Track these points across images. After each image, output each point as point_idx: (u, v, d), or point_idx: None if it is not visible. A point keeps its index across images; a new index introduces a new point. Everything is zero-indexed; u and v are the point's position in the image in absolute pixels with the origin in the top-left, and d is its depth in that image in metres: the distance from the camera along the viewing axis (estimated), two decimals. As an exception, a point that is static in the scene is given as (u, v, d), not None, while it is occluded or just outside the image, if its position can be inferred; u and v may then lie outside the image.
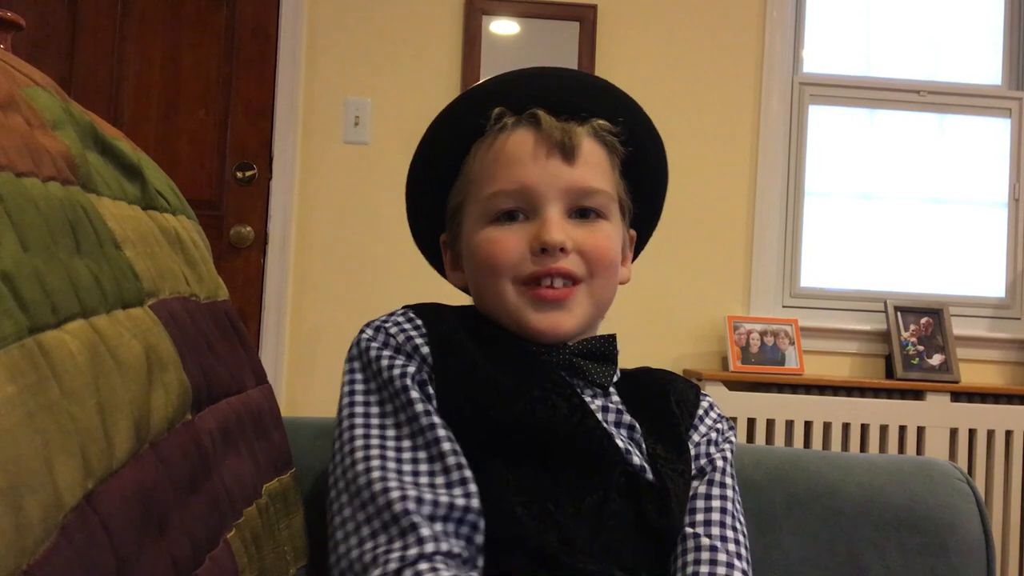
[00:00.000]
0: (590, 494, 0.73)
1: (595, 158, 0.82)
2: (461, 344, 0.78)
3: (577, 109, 0.82)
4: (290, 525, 0.80)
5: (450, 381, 0.75)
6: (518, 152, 0.80)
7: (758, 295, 2.75)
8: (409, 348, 0.76)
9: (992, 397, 2.65)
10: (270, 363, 2.58)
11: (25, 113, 0.55)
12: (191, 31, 2.69)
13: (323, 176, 2.69)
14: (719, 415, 0.89)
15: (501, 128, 0.82)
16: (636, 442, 0.79)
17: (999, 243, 2.89)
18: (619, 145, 0.85)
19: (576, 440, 0.74)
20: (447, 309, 0.84)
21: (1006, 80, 2.93)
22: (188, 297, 0.72)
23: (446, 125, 0.86)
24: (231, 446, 0.70)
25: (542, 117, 0.80)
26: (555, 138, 0.80)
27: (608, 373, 0.82)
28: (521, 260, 0.79)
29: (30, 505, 0.39)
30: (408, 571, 0.65)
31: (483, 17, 2.71)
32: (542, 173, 0.79)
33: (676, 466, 0.80)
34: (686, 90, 2.76)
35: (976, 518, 0.96)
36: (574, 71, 0.90)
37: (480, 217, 0.82)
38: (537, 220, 0.79)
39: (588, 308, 0.81)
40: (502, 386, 0.75)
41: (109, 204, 0.63)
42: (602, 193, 0.82)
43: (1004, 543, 2.58)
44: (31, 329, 0.44)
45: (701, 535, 0.77)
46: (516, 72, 0.86)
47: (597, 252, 0.80)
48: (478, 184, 0.82)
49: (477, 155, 0.84)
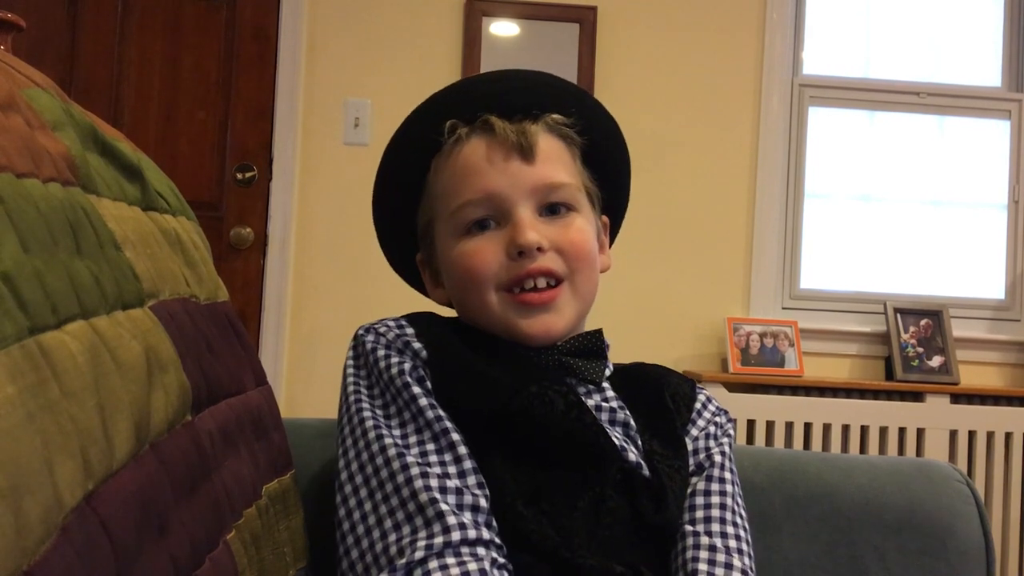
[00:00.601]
0: (587, 491, 0.73)
1: (554, 152, 0.82)
2: (454, 344, 0.78)
3: (528, 108, 0.82)
4: (290, 526, 0.80)
5: (445, 378, 0.75)
6: (476, 160, 0.80)
7: (758, 297, 2.75)
8: (400, 344, 0.77)
9: (992, 399, 2.65)
10: (270, 364, 2.58)
11: (25, 114, 0.55)
12: (191, 32, 2.69)
13: (323, 177, 2.69)
14: (717, 408, 0.89)
15: (456, 140, 0.82)
16: (632, 439, 0.79)
17: (999, 245, 2.89)
18: (575, 136, 0.85)
19: (573, 436, 0.74)
20: (438, 318, 0.84)
21: (1006, 82, 2.93)
22: (188, 298, 0.72)
23: (403, 146, 0.87)
24: (231, 447, 0.70)
25: (494, 122, 0.81)
26: (511, 140, 0.80)
27: (599, 369, 0.82)
28: (500, 267, 0.79)
29: (30, 506, 0.39)
30: (433, 561, 0.65)
31: (483, 18, 2.71)
32: (504, 177, 0.79)
33: (673, 462, 0.80)
34: (686, 91, 2.76)
35: (976, 520, 0.96)
36: (519, 71, 0.89)
37: (452, 232, 0.82)
38: (509, 225, 0.79)
39: (575, 305, 0.81)
40: (499, 382, 0.75)
41: (109, 205, 0.63)
42: (567, 186, 0.82)
43: (1004, 545, 2.58)
44: (31, 330, 0.44)
45: (701, 533, 0.77)
46: (462, 81, 0.87)
47: (573, 247, 0.80)
48: (444, 199, 0.82)
49: (438, 171, 0.84)
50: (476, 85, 0.86)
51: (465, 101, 0.84)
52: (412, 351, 0.76)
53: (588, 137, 0.86)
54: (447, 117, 0.83)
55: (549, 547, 0.69)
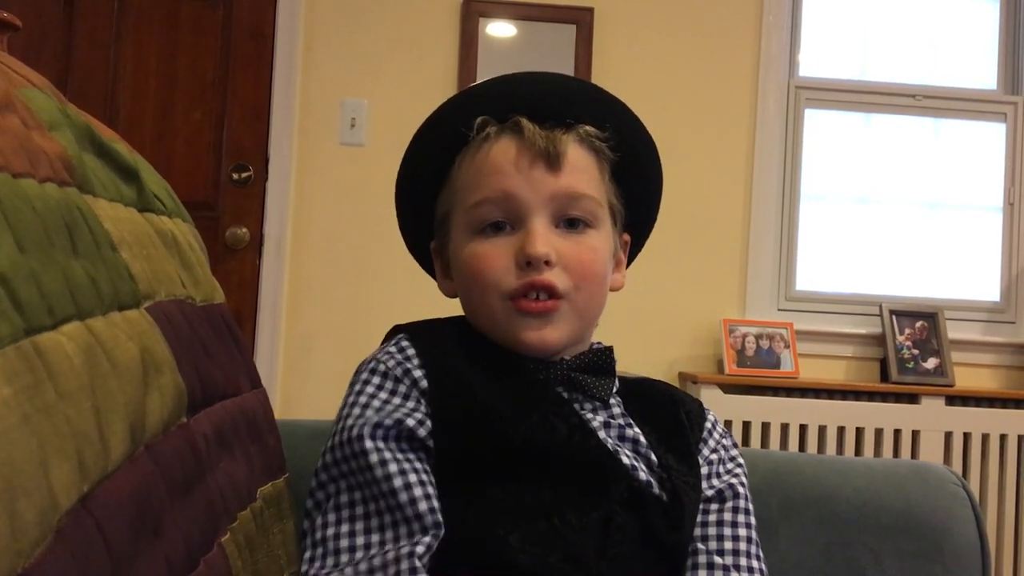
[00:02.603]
0: (595, 509, 0.73)
1: (582, 164, 0.81)
2: (456, 368, 0.77)
3: (563, 116, 0.81)
4: (284, 529, 0.80)
5: (447, 409, 0.75)
6: (501, 161, 0.79)
7: (753, 298, 2.76)
8: (400, 372, 0.76)
9: (987, 401, 2.65)
10: (265, 365, 2.58)
11: (22, 114, 0.55)
12: (187, 32, 2.69)
13: (319, 178, 2.69)
14: (723, 431, 0.88)
15: (484, 137, 0.81)
16: (643, 455, 0.78)
17: (994, 247, 2.90)
18: (608, 151, 0.83)
19: (578, 460, 0.74)
20: (440, 327, 0.83)
21: (1001, 84, 2.94)
22: (184, 300, 0.72)
23: (432, 134, 0.86)
24: (226, 449, 0.70)
25: (525, 125, 0.79)
26: (539, 146, 0.79)
27: (607, 386, 0.81)
28: (506, 274, 0.78)
29: (25, 508, 0.38)
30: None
31: (480, 19, 2.71)
32: (526, 182, 0.78)
33: (688, 479, 0.79)
34: (682, 93, 2.76)
35: (971, 522, 0.96)
36: (560, 76, 0.87)
37: (466, 228, 0.81)
38: (522, 231, 0.78)
39: (573, 322, 0.80)
40: (501, 412, 0.74)
41: (105, 206, 0.63)
42: (589, 198, 0.80)
43: (999, 547, 2.58)
44: (27, 331, 0.44)
45: (730, 567, 0.77)
46: (500, 78, 0.85)
47: (581, 267, 0.79)
48: (463, 194, 0.82)
49: (462, 165, 0.83)
50: (516, 84, 0.84)
51: (501, 98, 0.82)
52: (411, 379, 0.76)
53: (621, 153, 0.84)
54: (480, 112, 0.82)
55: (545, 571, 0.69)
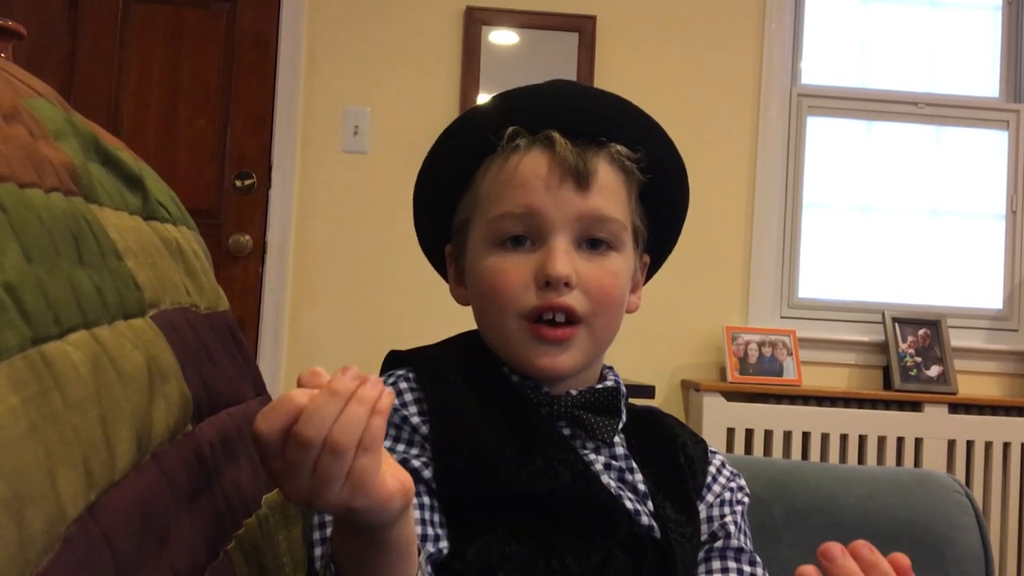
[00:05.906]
0: (595, 552, 0.72)
1: (610, 184, 0.78)
2: (458, 408, 0.76)
3: (596, 133, 0.79)
4: (289, 536, 0.80)
5: (449, 454, 0.74)
6: (529, 175, 0.77)
7: (756, 306, 2.76)
8: (398, 419, 0.75)
9: (990, 409, 2.65)
10: (268, 372, 2.58)
11: (28, 124, 0.55)
12: (191, 40, 2.70)
13: (322, 185, 2.70)
14: (732, 472, 0.86)
15: (514, 148, 0.78)
16: (642, 499, 0.77)
17: (996, 255, 2.90)
18: (637, 172, 0.81)
19: (580, 506, 0.73)
20: (440, 356, 0.81)
21: (1003, 92, 2.94)
22: (189, 307, 0.72)
23: (460, 135, 0.83)
24: (231, 457, 0.70)
25: (557, 140, 0.77)
26: (569, 163, 0.76)
27: (611, 427, 0.78)
28: (524, 292, 0.76)
29: (33, 516, 0.39)
30: None
31: (482, 27, 2.72)
32: (552, 199, 0.76)
33: (684, 530, 0.78)
34: (684, 101, 2.76)
35: (975, 530, 0.96)
36: (597, 91, 0.84)
37: (486, 239, 0.79)
38: (543, 248, 0.76)
39: (588, 348, 0.78)
40: (502, 457, 0.73)
41: (111, 215, 0.63)
42: (615, 221, 0.78)
43: (1002, 554, 2.58)
44: (34, 340, 0.44)
45: None
46: (535, 88, 0.82)
47: (602, 291, 0.77)
48: (486, 203, 0.79)
49: (488, 172, 0.80)
50: (551, 96, 0.81)
51: (535, 109, 0.80)
52: (411, 426, 0.75)
53: (652, 175, 0.82)
54: (513, 121, 0.79)
55: None
